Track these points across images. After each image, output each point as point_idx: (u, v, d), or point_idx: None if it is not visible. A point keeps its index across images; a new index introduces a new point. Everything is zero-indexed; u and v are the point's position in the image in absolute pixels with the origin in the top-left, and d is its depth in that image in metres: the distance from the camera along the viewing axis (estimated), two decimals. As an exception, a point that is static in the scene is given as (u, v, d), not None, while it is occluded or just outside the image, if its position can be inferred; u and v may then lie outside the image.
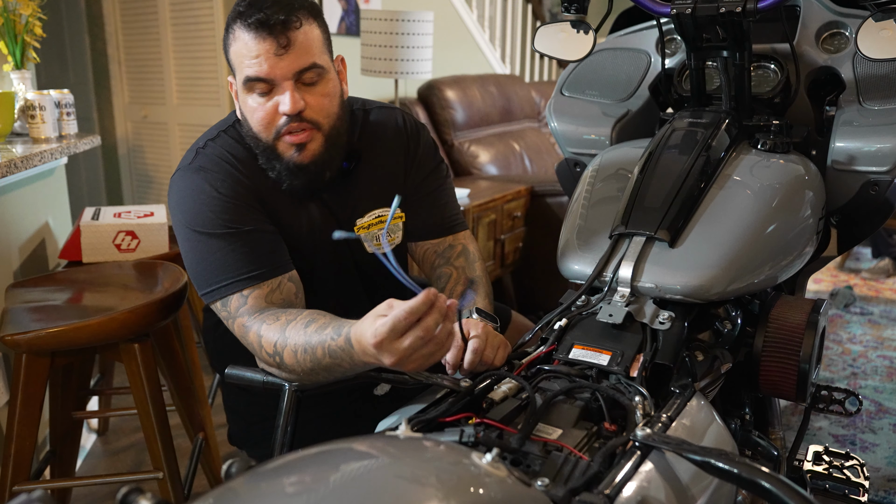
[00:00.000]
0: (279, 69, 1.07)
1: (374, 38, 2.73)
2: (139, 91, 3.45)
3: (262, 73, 1.07)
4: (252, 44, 1.06)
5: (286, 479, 0.53)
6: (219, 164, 1.13)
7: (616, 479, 0.67)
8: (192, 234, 1.11)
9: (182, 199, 1.13)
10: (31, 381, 1.39)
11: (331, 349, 0.95)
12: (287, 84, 1.08)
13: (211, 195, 1.11)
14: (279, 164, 1.13)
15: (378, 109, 1.31)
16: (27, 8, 1.93)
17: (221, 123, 1.21)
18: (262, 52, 1.06)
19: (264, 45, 1.05)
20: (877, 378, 2.65)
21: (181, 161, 1.17)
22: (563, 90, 1.45)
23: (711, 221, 1.01)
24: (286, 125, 1.10)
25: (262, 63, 1.06)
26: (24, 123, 1.99)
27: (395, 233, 1.28)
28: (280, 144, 1.12)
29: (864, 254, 4.16)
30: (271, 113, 1.10)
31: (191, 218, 1.11)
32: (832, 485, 1.23)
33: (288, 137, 1.11)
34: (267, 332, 1.03)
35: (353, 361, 0.93)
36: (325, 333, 0.96)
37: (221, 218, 1.10)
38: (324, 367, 0.97)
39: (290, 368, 1.01)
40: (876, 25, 1.03)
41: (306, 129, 1.11)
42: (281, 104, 1.09)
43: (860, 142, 1.13)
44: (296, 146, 1.11)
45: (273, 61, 1.06)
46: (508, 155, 3.61)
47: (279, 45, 1.05)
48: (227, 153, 1.15)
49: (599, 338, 0.93)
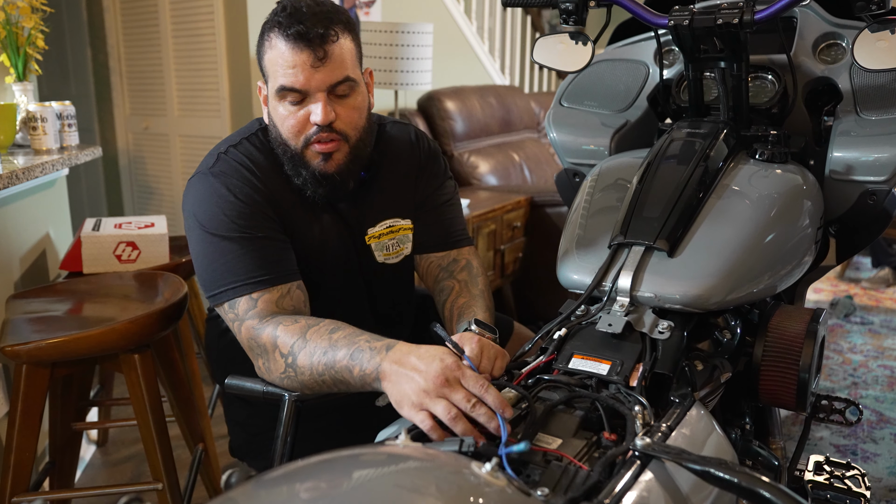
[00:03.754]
0: (315, 81, 1.08)
1: (375, 49, 2.75)
2: (140, 102, 3.46)
3: (297, 84, 1.08)
4: (289, 54, 1.07)
5: (286, 489, 0.53)
6: (237, 170, 1.15)
7: (616, 489, 0.67)
8: (205, 236, 1.12)
9: (198, 200, 1.14)
10: (31, 392, 1.39)
11: (357, 350, 0.95)
12: (320, 95, 1.10)
13: (227, 199, 1.12)
14: (305, 171, 1.15)
15: (392, 124, 1.33)
16: (29, 20, 1.95)
17: (244, 130, 1.23)
18: (298, 63, 1.07)
19: (301, 56, 1.07)
20: (877, 388, 2.64)
21: (200, 164, 1.19)
22: (561, 101, 1.46)
23: (710, 231, 1.01)
24: (316, 134, 1.12)
25: (297, 74, 1.08)
26: (26, 135, 2.00)
27: (403, 244, 1.29)
28: (308, 152, 1.14)
29: (863, 263, 4.16)
30: (302, 122, 1.12)
31: (205, 220, 1.12)
32: (833, 495, 1.22)
33: (317, 146, 1.13)
34: (284, 332, 1.03)
35: (363, 369, 0.94)
36: (356, 338, 0.97)
37: (235, 222, 1.11)
38: (334, 372, 0.98)
39: (299, 369, 1.01)
40: (872, 36, 1.03)
41: (334, 140, 1.13)
42: (313, 114, 1.10)
43: (858, 152, 1.13)
44: (322, 155, 1.13)
45: (309, 73, 1.08)
46: (508, 165, 3.62)
47: (316, 58, 1.07)
48: (247, 160, 1.17)
49: (599, 347, 0.93)
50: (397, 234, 1.28)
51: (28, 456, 1.40)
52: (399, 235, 1.28)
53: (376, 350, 0.94)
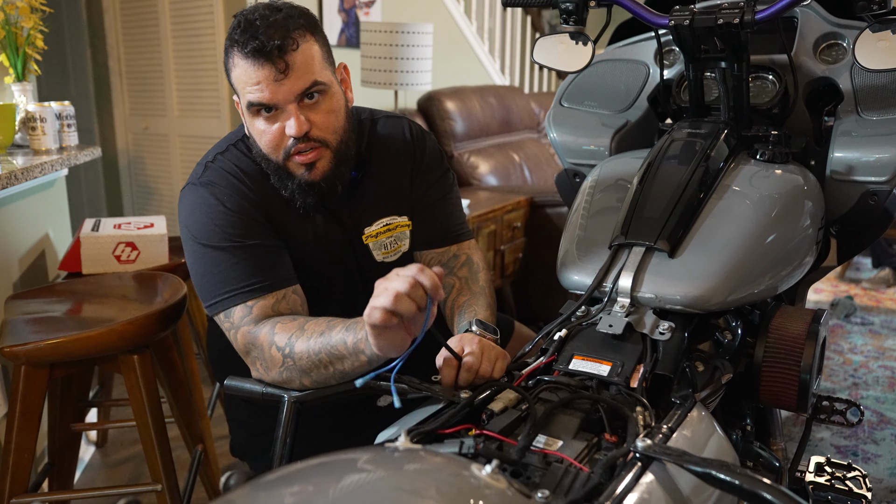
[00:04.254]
0: (281, 94, 1.07)
1: (375, 49, 2.74)
2: (140, 103, 3.46)
3: (264, 100, 1.07)
4: (251, 70, 1.06)
5: (285, 490, 0.53)
6: (226, 179, 1.14)
7: (617, 491, 0.67)
8: (198, 247, 1.12)
9: (189, 212, 1.14)
10: (30, 393, 1.39)
11: (351, 324, 0.97)
12: (291, 107, 1.08)
13: (217, 209, 1.11)
14: (291, 183, 1.14)
15: (385, 119, 1.31)
16: (29, 20, 1.94)
17: (231, 136, 1.22)
18: (261, 78, 1.05)
19: (262, 71, 1.05)
20: (878, 388, 2.64)
21: (191, 175, 1.18)
22: (562, 101, 1.46)
23: (711, 231, 1.01)
24: (294, 146, 1.10)
25: (262, 90, 1.06)
26: (25, 135, 2.00)
27: (401, 241, 1.29)
28: (290, 164, 1.13)
29: (864, 264, 4.16)
30: (278, 136, 1.10)
31: (196, 231, 1.12)
32: (834, 496, 1.22)
33: (298, 158, 1.11)
34: (281, 329, 1.04)
35: (356, 336, 0.95)
36: (353, 319, 0.99)
37: (226, 232, 1.10)
38: (330, 348, 0.98)
39: (297, 356, 1.01)
40: (873, 36, 1.03)
41: (315, 148, 1.11)
42: (287, 127, 1.09)
43: (859, 152, 1.13)
44: (305, 166, 1.12)
45: (273, 87, 1.06)
46: (508, 166, 3.62)
47: (278, 71, 1.05)
48: (235, 167, 1.16)
49: (599, 348, 0.93)
50: (395, 232, 1.27)
51: (27, 457, 1.40)
52: (397, 233, 1.27)
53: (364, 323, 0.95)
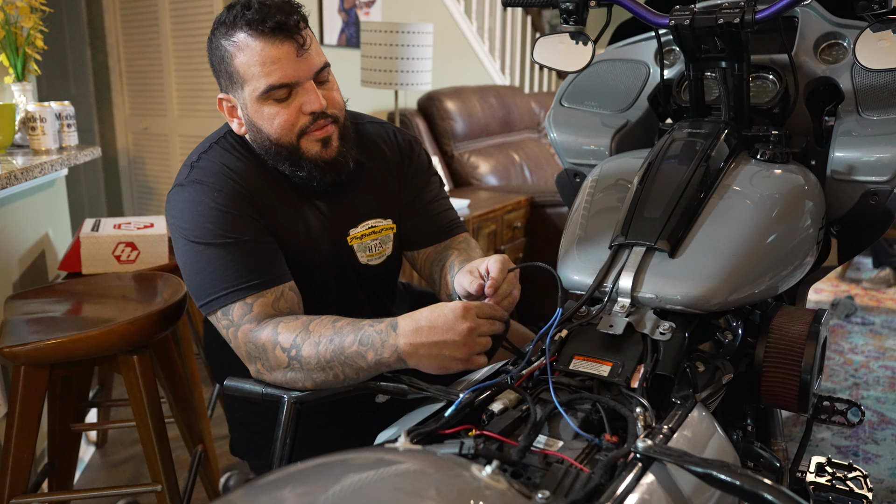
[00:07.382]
0: (302, 70, 1.08)
1: (375, 49, 2.74)
2: (140, 103, 3.46)
3: (285, 78, 1.08)
4: (270, 50, 1.06)
5: (284, 491, 0.53)
6: (214, 176, 1.13)
7: (617, 492, 0.67)
8: (190, 246, 1.10)
9: (180, 212, 1.12)
10: (30, 393, 1.39)
11: (364, 335, 0.97)
12: (309, 84, 1.10)
13: (208, 206, 1.10)
14: (306, 163, 1.14)
15: (370, 124, 1.33)
16: (29, 20, 1.94)
17: (213, 136, 1.22)
18: (282, 56, 1.06)
19: (283, 48, 1.06)
20: (879, 388, 2.64)
21: (176, 178, 1.17)
22: (562, 101, 1.45)
23: (711, 231, 1.01)
24: (312, 123, 1.12)
25: (284, 67, 1.07)
26: (25, 135, 2.00)
27: (386, 244, 1.28)
28: (304, 143, 1.13)
29: (864, 264, 4.16)
30: (293, 115, 1.11)
31: (188, 230, 1.10)
32: (835, 496, 1.22)
33: (315, 133, 1.13)
34: (285, 330, 1.03)
35: (379, 353, 0.95)
36: (360, 324, 0.99)
37: (219, 228, 1.09)
38: (344, 358, 0.98)
39: (304, 360, 1.00)
40: (874, 36, 1.03)
41: (329, 124, 1.14)
42: (306, 104, 1.10)
43: (859, 152, 1.13)
44: (322, 141, 1.13)
45: (295, 64, 1.07)
46: (508, 165, 3.62)
47: (299, 46, 1.07)
48: (222, 164, 1.15)
49: (600, 349, 0.93)
50: (380, 235, 1.27)
51: (26, 457, 1.40)
52: (381, 236, 1.27)
53: (384, 332, 0.96)
